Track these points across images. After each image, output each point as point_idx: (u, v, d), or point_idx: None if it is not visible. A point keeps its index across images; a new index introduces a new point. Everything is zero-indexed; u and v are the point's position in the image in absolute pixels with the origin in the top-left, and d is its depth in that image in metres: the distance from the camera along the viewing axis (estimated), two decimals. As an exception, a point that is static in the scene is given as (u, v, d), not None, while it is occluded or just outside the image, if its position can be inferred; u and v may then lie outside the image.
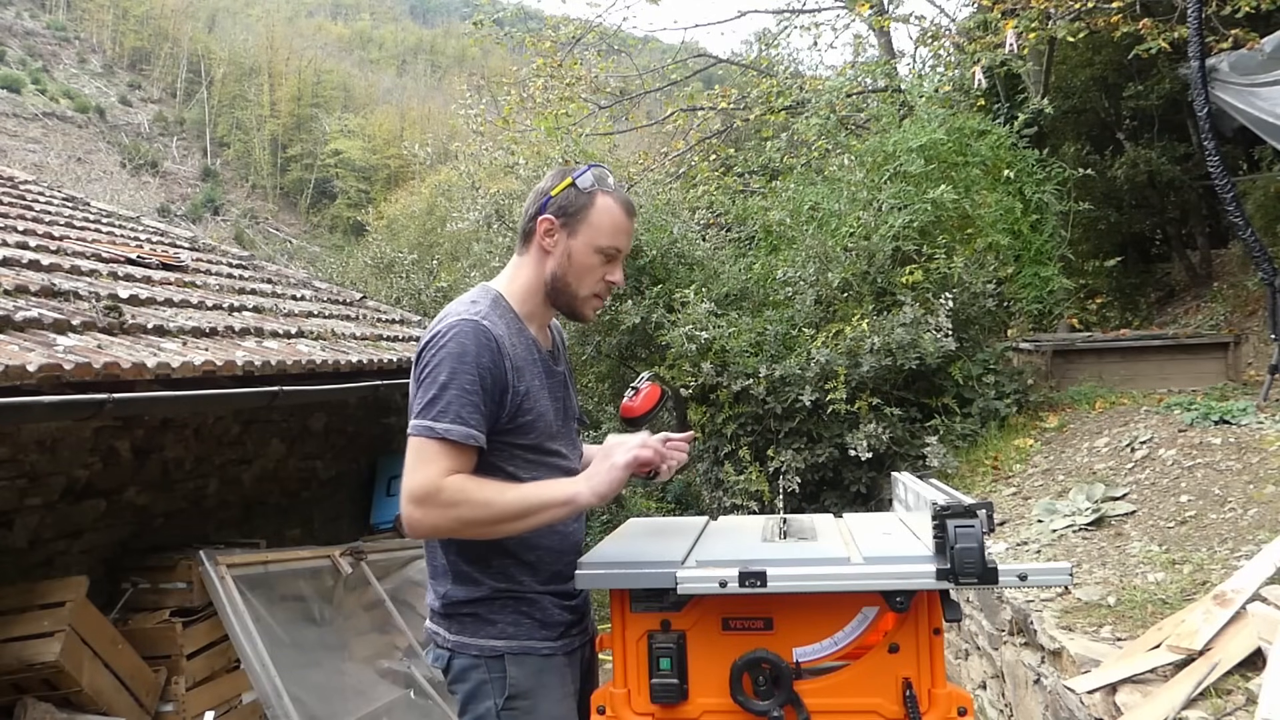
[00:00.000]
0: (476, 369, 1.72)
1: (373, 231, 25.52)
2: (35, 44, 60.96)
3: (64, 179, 32.59)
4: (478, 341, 1.73)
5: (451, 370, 1.71)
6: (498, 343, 1.75)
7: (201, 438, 5.01)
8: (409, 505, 1.68)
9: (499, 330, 1.78)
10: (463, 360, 1.71)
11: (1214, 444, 4.71)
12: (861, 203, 7.05)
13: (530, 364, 1.84)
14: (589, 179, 1.88)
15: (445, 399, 1.70)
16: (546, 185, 1.91)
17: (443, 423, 1.69)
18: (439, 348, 1.74)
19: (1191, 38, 6.01)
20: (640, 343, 7.82)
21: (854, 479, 6.52)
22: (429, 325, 1.86)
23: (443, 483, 1.67)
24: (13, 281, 3.96)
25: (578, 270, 1.88)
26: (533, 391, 1.82)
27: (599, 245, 1.87)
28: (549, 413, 1.87)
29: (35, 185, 7.62)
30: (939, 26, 10.78)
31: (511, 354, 1.78)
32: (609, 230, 1.88)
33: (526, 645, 1.81)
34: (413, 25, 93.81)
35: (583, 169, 1.90)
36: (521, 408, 1.80)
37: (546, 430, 1.86)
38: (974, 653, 4.24)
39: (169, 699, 4.01)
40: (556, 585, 1.85)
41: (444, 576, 1.84)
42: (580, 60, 11.53)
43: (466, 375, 1.71)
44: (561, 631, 1.86)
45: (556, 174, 1.92)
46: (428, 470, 1.68)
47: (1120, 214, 9.97)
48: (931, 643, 1.66)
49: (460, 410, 1.70)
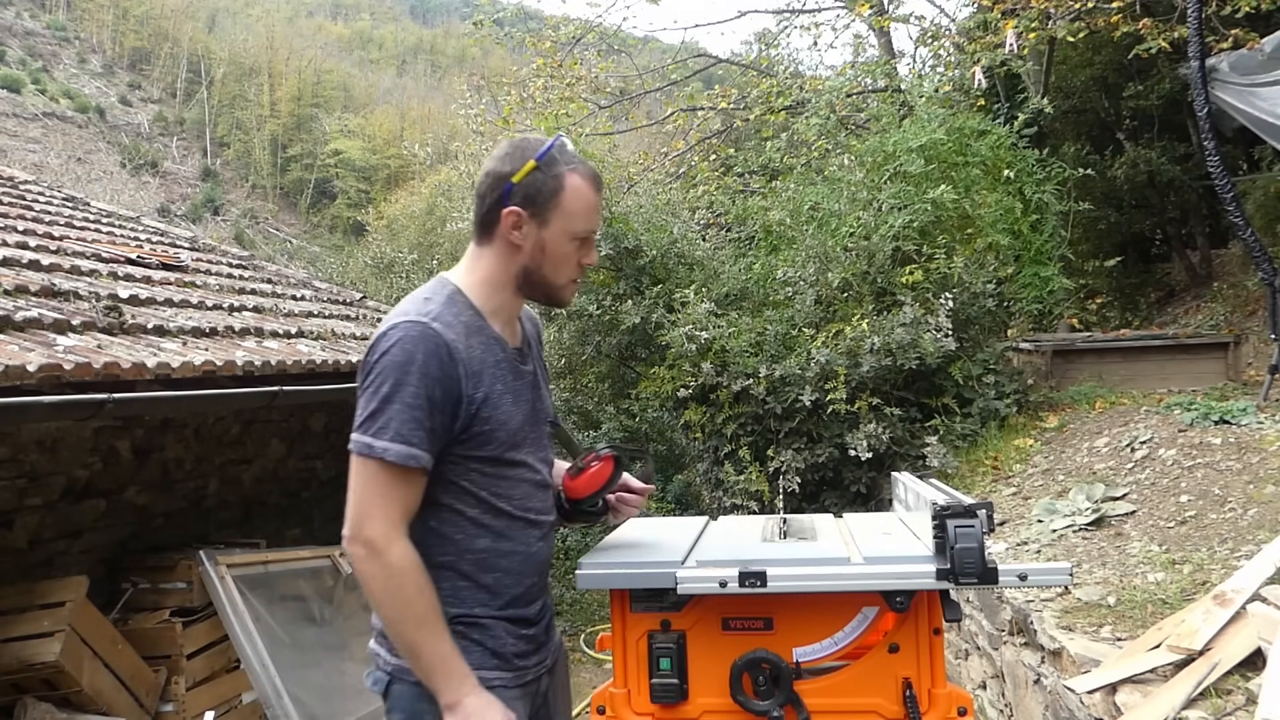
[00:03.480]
0: (423, 380, 1.56)
1: (373, 231, 25.54)
2: (35, 44, 60.96)
3: (64, 179, 32.58)
4: (425, 348, 1.57)
5: (395, 381, 1.56)
6: (449, 348, 1.59)
7: (201, 438, 5.01)
8: (353, 543, 1.56)
9: (452, 334, 1.61)
10: (407, 370, 1.56)
11: (1214, 444, 4.71)
12: (861, 203, 7.05)
13: (491, 366, 1.67)
14: (552, 157, 1.67)
15: (387, 413, 1.55)
16: (503, 169, 1.68)
17: (382, 440, 1.54)
18: (382, 354, 1.58)
19: (1191, 38, 6.01)
20: (640, 343, 7.82)
21: (854, 479, 6.52)
22: (379, 327, 1.69)
23: (392, 549, 1.55)
24: (13, 281, 3.96)
25: (553, 261, 1.71)
26: (493, 397, 1.65)
27: (574, 232, 1.70)
28: (513, 419, 1.69)
29: (35, 185, 7.62)
30: (939, 26, 10.78)
31: (466, 358, 1.61)
32: (583, 213, 1.70)
33: (478, 677, 1.64)
34: (413, 25, 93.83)
35: (543, 146, 1.68)
36: (478, 416, 1.63)
37: (509, 439, 1.68)
38: (974, 653, 4.24)
39: (169, 699, 4.01)
40: (514, 610, 1.70)
41: None
42: (580, 60, 11.53)
43: (411, 388, 1.55)
44: (515, 663, 1.70)
45: (512, 153, 1.69)
46: (377, 510, 1.55)
47: (1120, 214, 9.97)
48: (931, 643, 1.66)
49: (402, 427, 1.55)
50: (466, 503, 1.65)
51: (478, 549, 1.66)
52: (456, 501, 1.65)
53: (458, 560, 1.65)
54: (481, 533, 1.66)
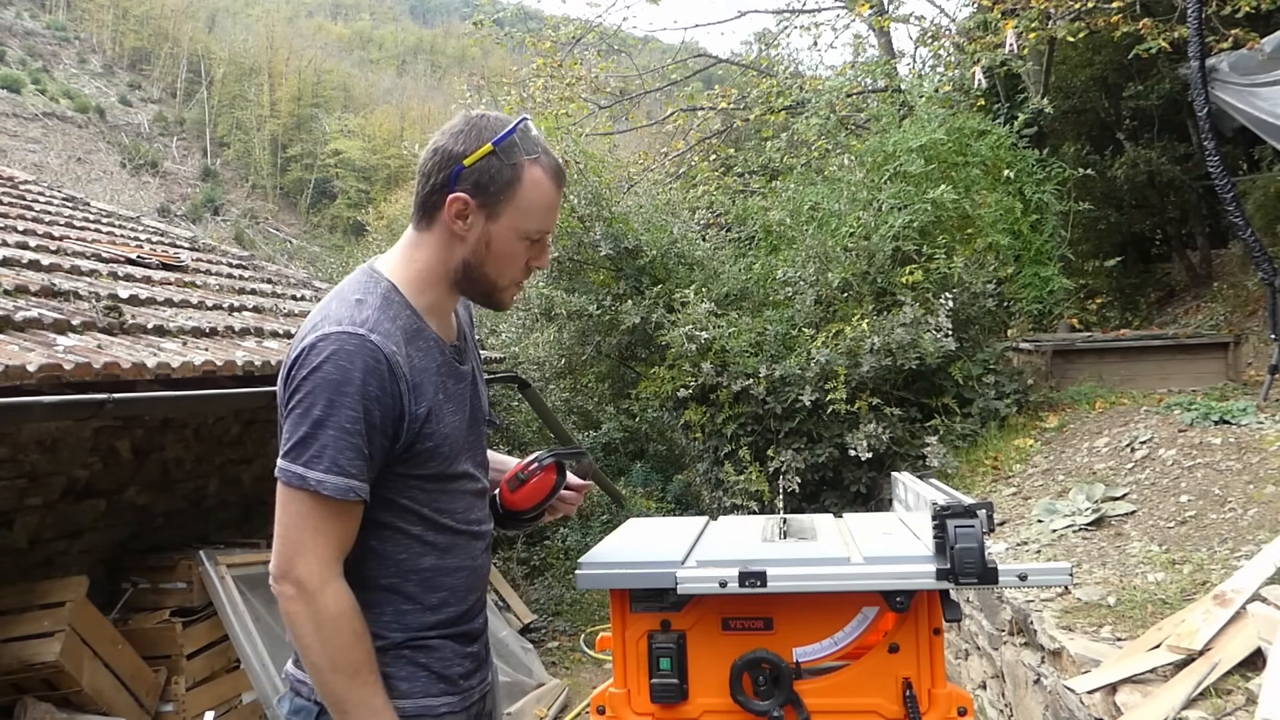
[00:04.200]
0: (361, 401, 1.39)
1: (373, 231, 25.52)
2: (35, 44, 60.96)
3: (64, 179, 32.56)
4: (364, 365, 1.39)
5: (329, 402, 1.38)
6: (389, 363, 1.41)
7: (201, 438, 5.01)
8: (281, 581, 1.40)
9: (391, 345, 1.43)
10: (342, 391, 1.38)
11: (1214, 444, 4.71)
12: (861, 203, 7.05)
13: (433, 374, 1.51)
14: (513, 143, 1.48)
15: (320, 440, 1.38)
16: (454, 147, 1.48)
17: (315, 470, 1.38)
18: (312, 369, 1.40)
19: (1191, 38, 6.01)
20: (640, 343, 7.83)
21: (854, 479, 6.52)
22: (302, 330, 1.47)
23: (325, 590, 1.39)
24: (13, 281, 3.96)
25: (498, 259, 1.52)
26: (435, 410, 1.49)
27: (526, 230, 1.52)
28: (455, 429, 1.54)
29: (35, 185, 7.62)
30: (939, 26, 10.79)
31: (409, 371, 1.45)
32: (539, 211, 1.51)
33: (422, 705, 1.51)
34: (413, 25, 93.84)
35: (504, 127, 1.49)
36: (421, 433, 1.47)
37: (451, 453, 1.53)
38: (974, 653, 4.24)
39: (169, 699, 4.01)
40: (459, 628, 1.59)
41: None
42: (580, 60, 11.54)
43: (348, 410, 1.38)
44: (460, 684, 1.58)
45: (467, 130, 1.49)
46: (310, 548, 1.39)
47: (1120, 214, 9.96)
48: (931, 643, 1.66)
49: (339, 455, 1.38)
50: (409, 520, 1.51)
51: (423, 568, 1.53)
52: (398, 520, 1.51)
53: (401, 582, 1.52)
54: (426, 551, 1.53)
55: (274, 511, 1.47)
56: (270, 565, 1.44)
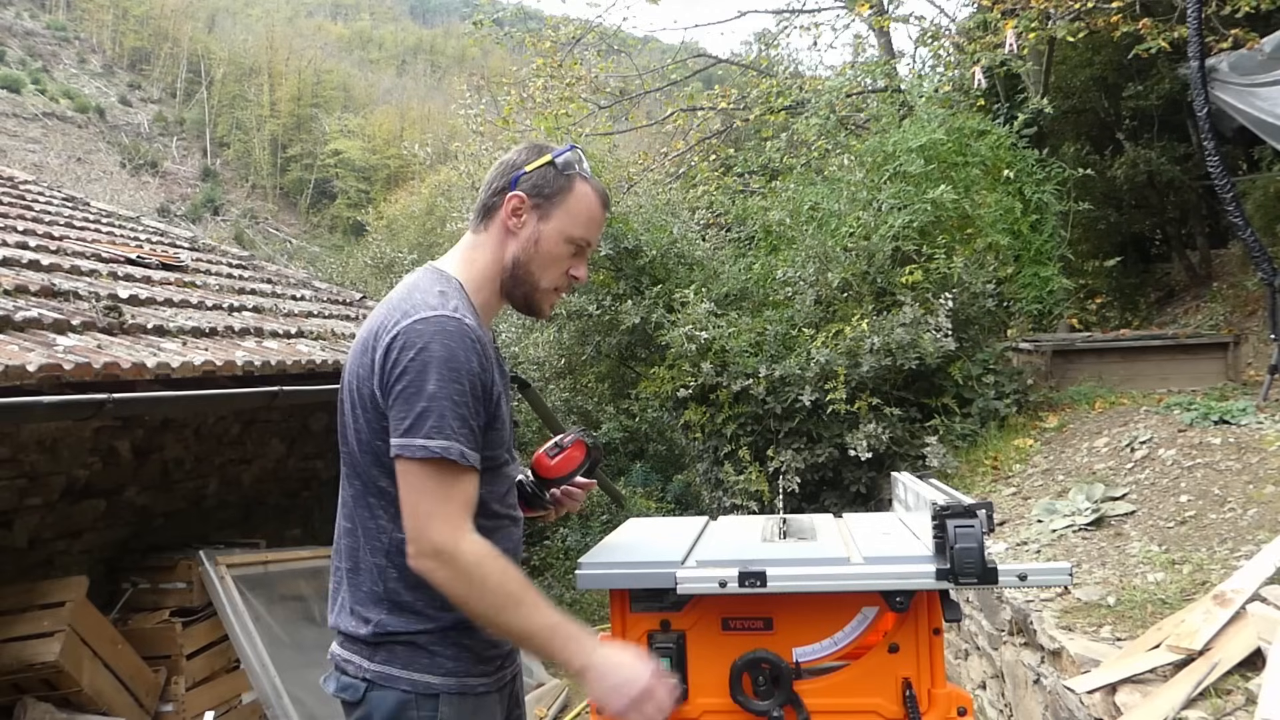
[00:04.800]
0: (467, 377, 1.51)
1: (373, 231, 25.57)
2: (35, 44, 60.95)
3: (64, 179, 32.58)
4: (464, 343, 1.52)
5: (440, 378, 1.49)
6: (481, 344, 1.56)
7: (201, 438, 5.01)
8: (419, 558, 1.49)
9: (480, 330, 1.59)
10: (451, 367, 1.50)
11: (1214, 444, 4.71)
12: (861, 203, 7.05)
13: (496, 362, 1.65)
14: (568, 160, 1.69)
15: (437, 412, 1.48)
16: (518, 159, 1.70)
17: (437, 440, 1.48)
18: (419, 349, 1.50)
19: (1191, 38, 6.01)
20: (640, 343, 7.82)
21: (854, 479, 6.52)
22: (387, 320, 1.58)
23: (460, 546, 1.48)
24: (13, 281, 3.96)
25: (544, 258, 1.68)
26: (502, 395, 1.65)
27: (571, 234, 1.68)
28: (508, 419, 1.69)
29: (35, 185, 7.62)
30: (939, 26, 10.79)
31: (491, 355, 1.61)
32: (584, 219, 1.69)
33: (465, 684, 1.61)
34: (413, 25, 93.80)
35: (561, 148, 1.71)
36: (495, 415, 1.60)
37: (507, 438, 1.67)
38: (974, 653, 4.24)
39: (169, 699, 4.01)
40: None
41: (378, 605, 1.59)
42: (580, 60, 11.53)
43: (456, 385, 1.50)
44: (497, 665, 1.69)
45: (529, 149, 1.72)
46: (438, 513, 1.48)
47: (1120, 214, 9.97)
48: (931, 643, 1.66)
49: (456, 425, 1.49)
50: None
51: None
52: None
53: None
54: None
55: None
56: (406, 545, 1.52)
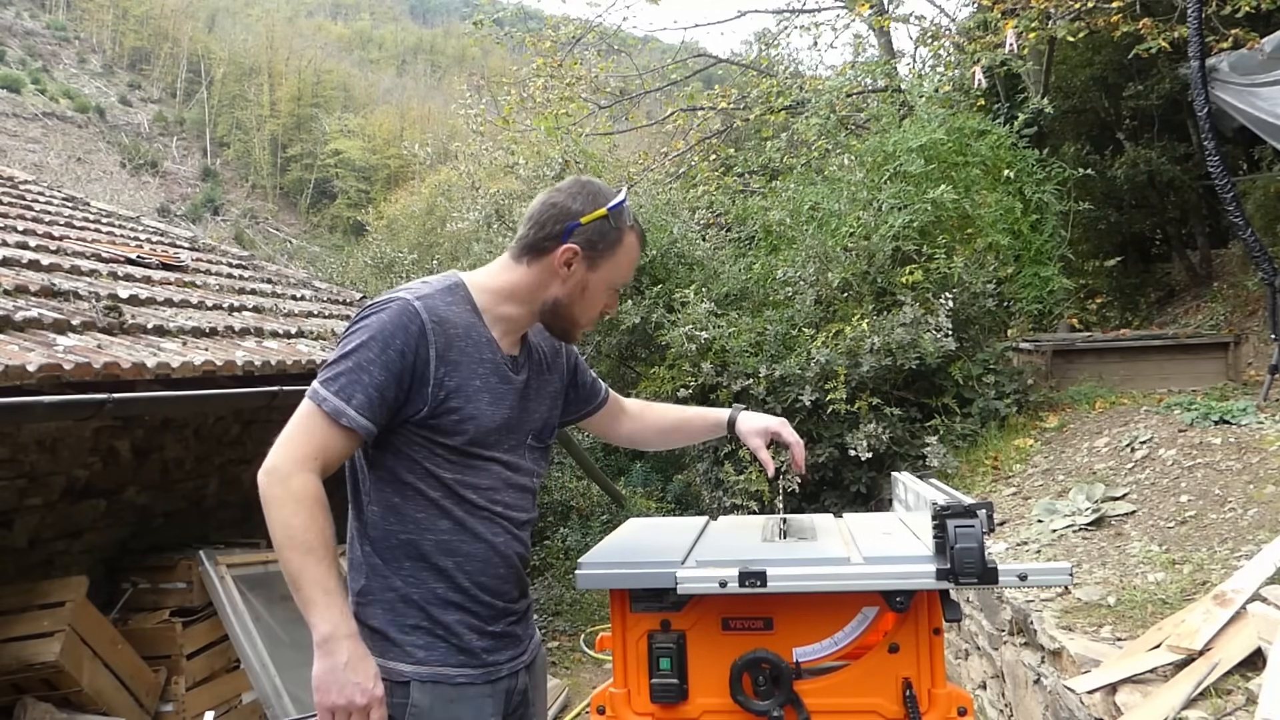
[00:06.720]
0: (384, 349, 1.60)
1: (373, 231, 25.55)
2: (35, 44, 60.94)
3: (64, 179, 32.57)
4: (398, 321, 1.62)
5: (360, 344, 1.61)
6: (424, 327, 1.63)
7: (201, 438, 5.01)
8: (261, 472, 1.57)
9: (436, 316, 1.65)
10: (375, 336, 1.61)
11: (1214, 444, 4.71)
12: (861, 203, 7.05)
13: (474, 361, 1.69)
14: (621, 211, 1.75)
15: (340, 369, 1.60)
16: (574, 206, 1.73)
17: (327, 391, 1.59)
18: (361, 319, 1.65)
19: (1191, 38, 6.01)
20: (640, 342, 7.82)
21: (854, 479, 6.52)
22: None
23: (293, 477, 1.55)
24: (13, 281, 3.96)
25: (587, 303, 1.79)
26: (467, 389, 1.67)
27: (615, 282, 1.80)
28: (489, 417, 1.70)
29: (35, 185, 7.62)
30: (939, 26, 10.79)
31: (444, 343, 1.65)
32: (627, 269, 1.81)
33: (438, 672, 1.66)
34: (413, 25, 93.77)
35: (613, 194, 1.76)
36: (446, 404, 1.65)
37: (479, 436, 1.70)
38: (974, 653, 4.24)
39: (169, 699, 4.01)
40: (478, 603, 1.71)
41: (359, 569, 1.71)
42: (580, 60, 11.54)
43: (369, 353, 1.60)
44: (484, 659, 1.70)
45: (583, 193, 1.75)
46: (292, 445, 1.57)
47: (1120, 214, 9.96)
48: (931, 643, 1.66)
49: (349, 385, 1.59)
50: (430, 485, 1.68)
51: (439, 529, 1.68)
52: (420, 482, 1.68)
53: (419, 539, 1.67)
54: (443, 516, 1.68)
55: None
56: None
